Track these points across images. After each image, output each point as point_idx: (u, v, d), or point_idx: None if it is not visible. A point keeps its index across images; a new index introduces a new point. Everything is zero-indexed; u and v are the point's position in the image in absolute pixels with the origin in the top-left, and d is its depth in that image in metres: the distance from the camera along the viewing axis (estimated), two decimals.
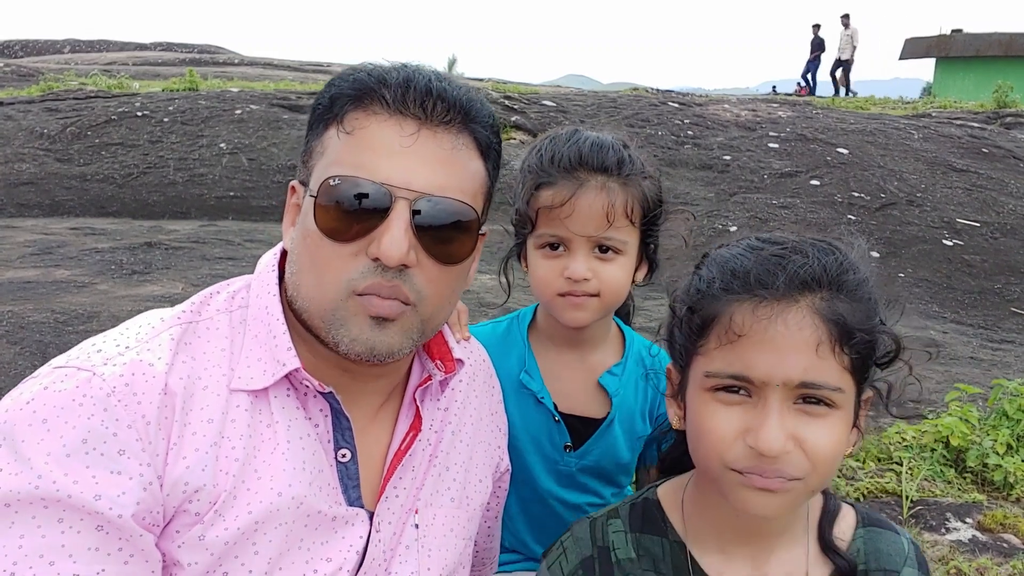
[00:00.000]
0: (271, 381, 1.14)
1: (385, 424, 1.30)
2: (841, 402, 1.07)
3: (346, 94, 1.16)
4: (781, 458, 1.04)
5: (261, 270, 1.26)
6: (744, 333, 1.06)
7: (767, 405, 1.05)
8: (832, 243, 1.14)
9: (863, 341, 1.07)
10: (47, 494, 0.95)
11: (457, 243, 1.18)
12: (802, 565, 1.20)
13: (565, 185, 1.55)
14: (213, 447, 1.07)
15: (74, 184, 9.79)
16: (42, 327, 5.18)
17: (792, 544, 1.21)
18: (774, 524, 1.19)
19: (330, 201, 1.11)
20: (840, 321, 1.05)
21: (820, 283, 1.07)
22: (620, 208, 1.54)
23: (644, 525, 1.26)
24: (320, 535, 1.15)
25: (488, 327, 1.79)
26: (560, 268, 1.57)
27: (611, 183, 1.55)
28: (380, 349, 1.14)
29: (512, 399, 1.67)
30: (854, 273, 1.10)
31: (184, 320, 1.17)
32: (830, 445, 1.06)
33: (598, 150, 1.57)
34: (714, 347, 1.10)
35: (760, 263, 1.09)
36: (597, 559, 1.24)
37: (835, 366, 1.05)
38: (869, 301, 1.10)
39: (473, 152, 1.19)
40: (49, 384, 1.01)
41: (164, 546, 1.05)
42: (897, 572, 1.21)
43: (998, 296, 8.06)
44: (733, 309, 1.08)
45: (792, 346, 1.04)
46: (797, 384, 1.04)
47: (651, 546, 1.24)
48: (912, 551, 1.24)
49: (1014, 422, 4.05)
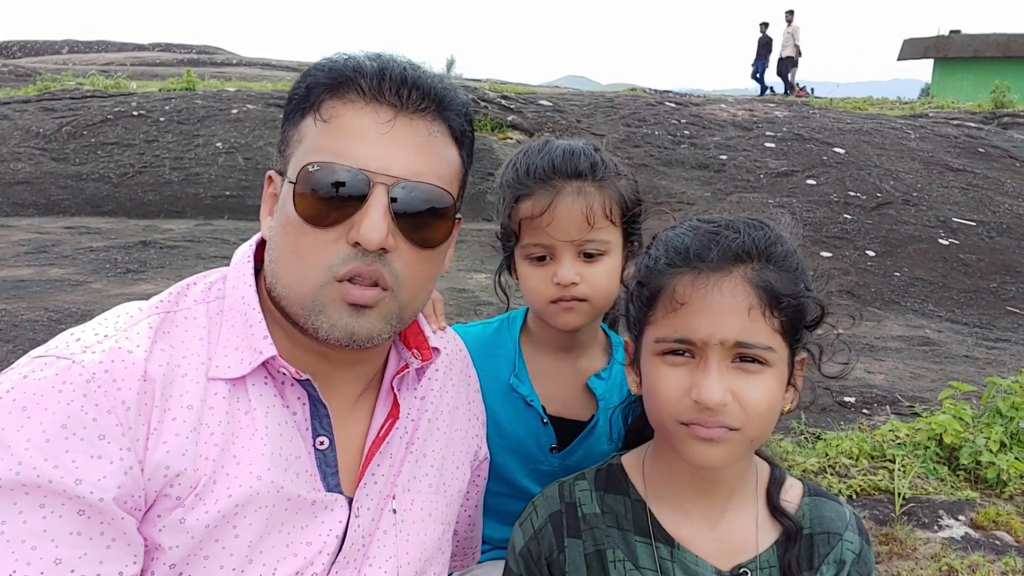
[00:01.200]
0: (248, 369, 1.15)
1: (363, 413, 1.31)
2: (774, 361, 1.20)
3: (322, 83, 1.17)
4: (720, 410, 1.17)
5: (237, 261, 1.27)
6: (685, 301, 1.19)
7: (708, 363, 1.18)
8: (762, 220, 1.27)
9: (791, 306, 1.20)
10: (28, 480, 0.95)
11: (434, 227, 1.19)
12: (752, 525, 1.33)
13: (542, 194, 1.59)
14: (193, 432, 1.08)
15: (69, 183, 9.79)
16: (36, 325, 5.17)
17: (743, 505, 1.34)
18: (725, 484, 1.32)
19: (308, 188, 1.13)
20: (769, 288, 1.18)
21: (751, 255, 1.20)
22: (599, 209, 1.58)
23: (608, 486, 1.38)
24: (300, 519, 1.16)
25: (478, 328, 1.82)
26: (549, 276, 1.60)
27: (587, 187, 1.59)
28: (359, 334, 1.15)
29: (500, 401, 1.69)
30: (781, 246, 1.23)
31: (162, 309, 1.18)
32: (764, 398, 1.19)
33: (570, 156, 1.62)
34: (661, 316, 1.23)
35: (698, 239, 1.23)
36: (564, 513, 1.36)
37: (766, 328, 1.18)
38: (796, 270, 1.22)
39: (448, 139, 1.22)
40: (28, 373, 1.02)
41: (146, 530, 1.05)
42: (840, 535, 1.34)
43: (993, 295, 8.07)
44: (675, 281, 1.21)
45: (727, 310, 1.17)
46: (733, 344, 1.17)
47: (614, 504, 1.36)
48: (853, 519, 1.37)
49: (1007, 420, 4.04)
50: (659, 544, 1.31)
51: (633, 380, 1.36)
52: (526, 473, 1.72)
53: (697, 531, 1.32)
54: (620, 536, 1.33)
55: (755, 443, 1.25)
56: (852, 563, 1.33)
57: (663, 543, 1.31)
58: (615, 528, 1.34)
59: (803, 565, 1.31)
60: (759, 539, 1.32)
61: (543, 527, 1.36)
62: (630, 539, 1.32)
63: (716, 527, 1.32)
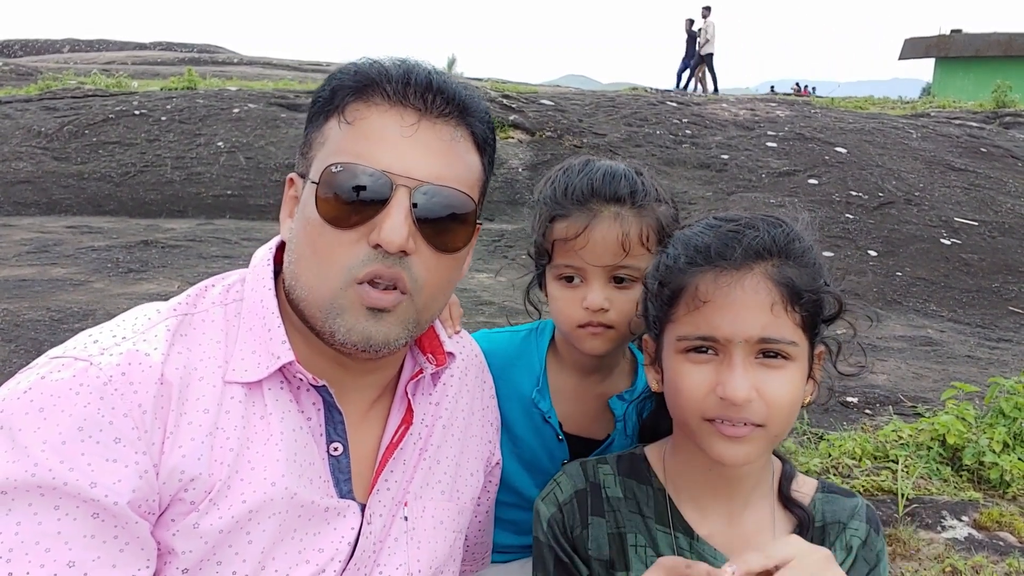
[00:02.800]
0: (265, 374, 1.15)
1: (377, 419, 1.31)
2: (796, 355, 1.21)
3: (347, 86, 1.17)
4: (746, 406, 1.18)
5: (256, 264, 1.26)
6: (708, 299, 1.20)
7: (732, 360, 1.19)
8: (780, 218, 1.28)
9: (811, 300, 1.21)
10: (43, 482, 0.95)
11: (455, 232, 1.19)
12: (769, 520, 1.35)
13: (579, 217, 1.55)
14: (208, 437, 1.08)
15: (71, 183, 9.79)
16: (38, 325, 5.18)
17: (760, 502, 1.36)
18: (745, 481, 1.33)
19: (331, 189, 1.13)
20: (790, 283, 1.19)
21: (771, 252, 1.22)
22: (635, 237, 1.54)
23: (631, 472, 1.40)
24: (313, 526, 1.16)
25: (505, 336, 1.79)
26: (578, 299, 1.57)
27: (625, 212, 1.55)
28: (376, 339, 1.15)
29: (519, 413, 1.68)
30: (799, 242, 1.25)
31: (180, 312, 1.18)
32: (787, 393, 1.21)
33: (610, 180, 1.57)
34: (683, 314, 1.24)
35: (718, 237, 1.24)
36: (589, 492, 1.37)
37: (788, 323, 1.19)
38: (814, 266, 1.24)
39: (470, 145, 1.22)
40: (46, 374, 1.02)
41: (159, 534, 1.05)
42: (844, 523, 1.37)
43: (996, 295, 8.06)
44: (697, 279, 1.22)
45: (750, 307, 1.18)
46: (757, 340, 1.18)
47: (637, 490, 1.38)
48: (863, 509, 1.39)
49: (1010, 420, 4.04)
50: (679, 534, 1.33)
51: (654, 378, 1.37)
52: (536, 484, 1.71)
53: (716, 525, 1.33)
54: (641, 522, 1.34)
55: (777, 439, 1.26)
56: (858, 548, 1.34)
57: (683, 533, 1.32)
58: (637, 514, 1.35)
59: None
60: (776, 534, 1.33)
61: (569, 501, 1.36)
62: (651, 526, 1.34)
63: (734, 522, 1.33)
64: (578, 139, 11.33)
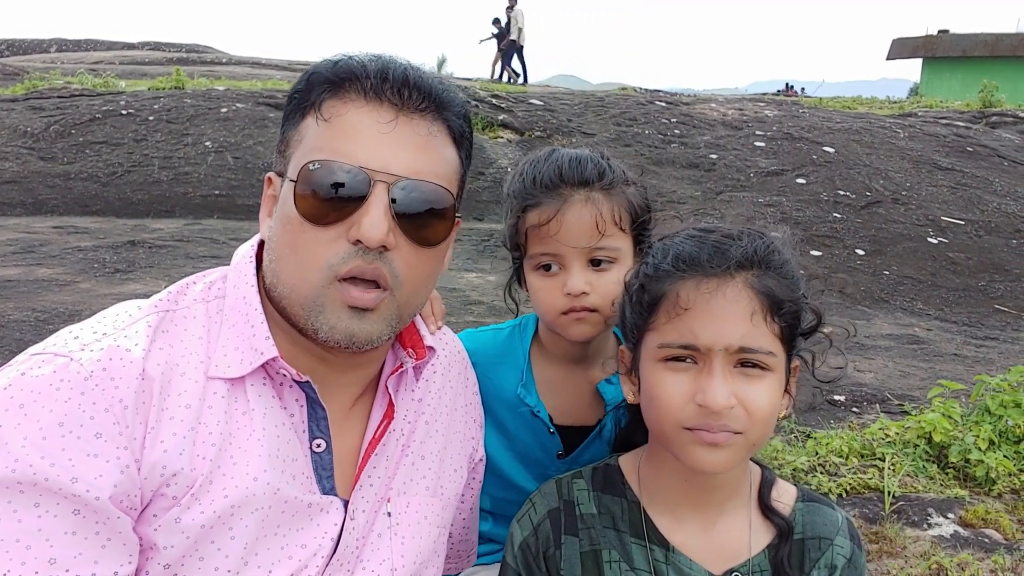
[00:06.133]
0: (248, 369, 1.15)
1: (360, 415, 1.31)
2: (774, 365, 1.22)
3: (323, 83, 1.17)
4: (726, 413, 1.19)
5: (238, 261, 1.26)
6: (689, 306, 1.21)
7: (712, 368, 1.20)
8: (760, 231, 1.30)
9: (790, 311, 1.23)
10: (24, 477, 0.95)
11: (434, 226, 1.20)
12: (745, 529, 1.35)
13: (550, 203, 1.57)
14: (190, 432, 1.08)
15: (57, 183, 9.73)
16: (23, 326, 5.14)
17: (736, 511, 1.36)
18: (721, 490, 1.33)
19: (309, 186, 1.13)
20: (770, 294, 1.21)
21: (752, 262, 1.23)
22: (608, 216, 1.56)
23: (605, 486, 1.40)
24: (296, 522, 1.16)
25: (488, 334, 1.79)
26: (558, 286, 1.57)
27: (595, 194, 1.57)
28: (360, 336, 1.15)
29: (508, 409, 1.68)
30: (779, 255, 1.26)
31: (161, 309, 1.17)
32: (766, 402, 1.22)
33: (577, 164, 1.59)
34: (664, 321, 1.25)
35: (701, 247, 1.25)
36: (563, 511, 1.38)
37: (767, 333, 1.21)
38: (792, 278, 1.26)
39: (447, 139, 1.22)
40: (27, 370, 1.02)
41: (141, 530, 1.05)
42: (830, 540, 1.36)
43: (982, 293, 8.11)
44: (679, 287, 1.23)
45: (731, 316, 1.19)
46: (737, 349, 1.19)
47: (611, 505, 1.38)
48: (845, 524, 1.39)
49: (996, 418, 4.06)
50: (654, 546, 1.33)
51: (630, 389, 1.37)
52: (533, 478, 1.72)
53: (691, 535, 1.33)
54: (616, 537, 1.34)
55: (755, 447, 1.26)
56: (843, 568, 1.34)
57: (658, 545, 1.33)
58: (611, 529, 1.35)
59: (794, 568, 1.32)
60: (752, 543, 1.33)
61: (542, 522, 1.37)
62: (626, 540, 1.34)
63: (710, 532, 1.34)
64: (567, 138, 11.34)
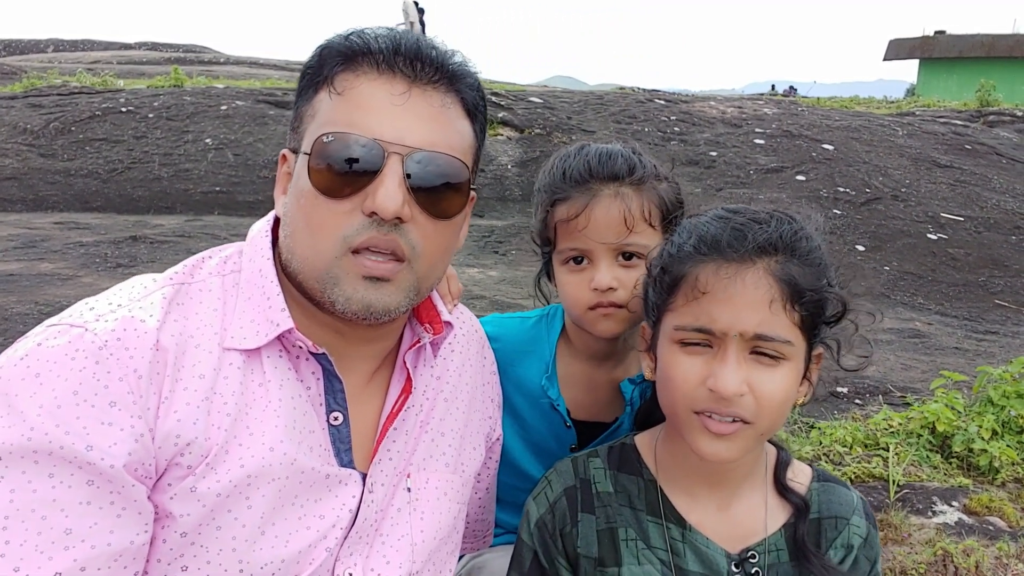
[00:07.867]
0: (264, 341, 1.14)
1: (377, 390, 1.31)
2: (791, 354, 1.20)
3: (335, 56, 1.17)
4: (735, 400, 1.17)
5: (253, 236, 1.26)
6: (707, 290, 1.19)
7: (726, 353, 1.18)
8: (790, 214, 1.27)
9: (812, 300, 1.20)
10: (39, 446, 0.95)
11: (449, 198, 1.19)
12: (761, 508, 1.35)
13: (579, 197, 1.55)
14: (205, 402, 1.08)
15: (58, 179, 9.71)
16: (26, 318, 5.14)
17: (752, 491, 1.36)
18: (736, 470, 1.32)
19: (324, 159, 1.13)
20: (791, 281, 1.18)
21: (776, 248, 1.20)
22: (637, 212, 1.54)
23: (622, 465, 1.39)
24: (313, 492, 1.16)
25: (515, 322, 1.78)
26: (586, 280, 1.56)
27: (624, 189, 1.55)
28: (376, 307, 1.15)
29: (528, 399, 1.68)
30: (807, 241, 1.23)
31: (176, 281, 1.18)
32: (778, 392, 1.20)
33: (607, 159, 1.58)
34: (682, 303, 1.23)
35: (724, 229, 1.22)
36: (579, 489, 1.37)
37: (786, 321, 1.18)
38: (819, 266, 1.23)
39: (461, 111, 1.22)
40: (43, 340, 1.02)
41: (156, 498, 1.05)
42: (847, 519, 1.36)
43: (982, 288, 8.13)
44: (699, 270, 1.21)
45: (748, 302, 1.17)
46: (752, 336, 1.17)
47: (627, 483, 1.37)
48: (860, 504, 1.38)
49: (999, 408, 4.07)
50: (670, 525, 1.32)
51: (648, 366, 1.36)
52: (544, 467, 1.72)
53: (707, 514, 1.33)
54: (632, 515, 1.34)
55: (765, 436, 1.26)
56: (859, 547, 1.34)
57: (675, 524, 1.32)
58: (628, 507, 1.34)
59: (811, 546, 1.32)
60: (768, 522, 1.33)
61: (558, 500, 1.36)
62: (642, 519, 1.33)
63: (726, 511, 1.33)
64: (567, 136, 11.34)
